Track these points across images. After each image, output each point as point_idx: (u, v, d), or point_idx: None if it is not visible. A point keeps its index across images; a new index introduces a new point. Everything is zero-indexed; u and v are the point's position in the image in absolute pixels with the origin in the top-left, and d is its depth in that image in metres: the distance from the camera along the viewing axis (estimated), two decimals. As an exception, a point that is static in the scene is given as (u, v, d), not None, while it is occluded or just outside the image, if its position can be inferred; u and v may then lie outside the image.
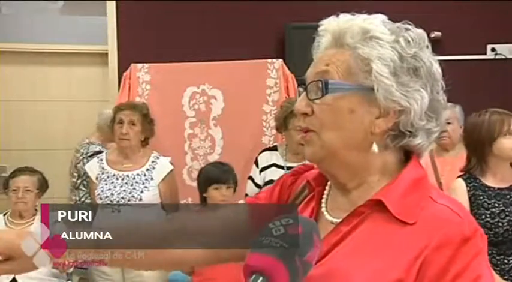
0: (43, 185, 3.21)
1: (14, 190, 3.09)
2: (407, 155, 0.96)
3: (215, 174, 3.00)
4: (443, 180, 3.25)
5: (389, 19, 0.99)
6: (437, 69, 0.94)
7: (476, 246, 0.84)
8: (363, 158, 0.92)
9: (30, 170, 3.22)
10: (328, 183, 1.01)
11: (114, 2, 4.31)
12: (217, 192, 2.96)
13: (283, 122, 2.97)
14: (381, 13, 0.98)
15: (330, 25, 0.96)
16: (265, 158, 3.04)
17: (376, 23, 0.93)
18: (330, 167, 0.94)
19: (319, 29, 0.98)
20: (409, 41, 0.91)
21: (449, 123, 3.29)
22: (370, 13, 1.01)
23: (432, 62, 0.93)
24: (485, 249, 0.86)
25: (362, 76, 0.90)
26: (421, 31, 0.95)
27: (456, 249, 0.82)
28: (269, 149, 3.15)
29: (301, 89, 0.94)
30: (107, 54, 4.33)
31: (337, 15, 0.99)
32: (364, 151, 0.91)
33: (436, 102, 0.93)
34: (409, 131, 0.91)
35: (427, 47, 0.94)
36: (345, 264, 0.87)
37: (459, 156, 3.33)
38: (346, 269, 0.87)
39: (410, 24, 0.95)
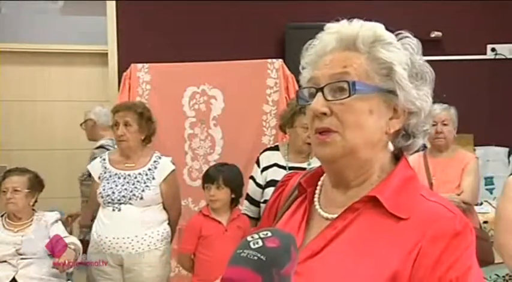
0: (35, 185, 3.15)
1: (4, 191, 3.07)
2: (396, 153, 1.02)
3: (207, 174, 3.02)
4: (435, 180, 3.26)
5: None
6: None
7: (466, 239, 0.88)
8: (374, 156, 0.97)
9: (20, 170, 3.17)
10: (319, 183, 1.05)
11: (114, 2, 4.31)
12: (207, 191, 2.98)
13: (290, 119, 2.95)
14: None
15: (341, 27, 0.98)
16: (266, 158, 3.03)
17: (383, 29, 0.97)
18: (343, 165, 0.97)
19: (327, 31, 1.00)
20: (413, 48, 0.97)
21: (445, 124, 3.31)
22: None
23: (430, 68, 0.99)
24: (474, 243, 0.90)
25: (378, 78, 0.94)
26: (416, 39, 0.99)
27: (449, 242, 0.86)
28: (271, 148, 3.15)
29: (314, 90, 0.94)
30: (107, 54, 4.33)
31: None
32: (377, 150, 0.97)
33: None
34: (414, 133, 0.98)
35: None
36: (341, 258, 0.91)
37: (452, 157, 3.35)
38: (342, 263, 0.90)
39: (408, 32, 0.99)
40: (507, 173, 4.25)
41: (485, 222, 3.61)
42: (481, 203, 4.02)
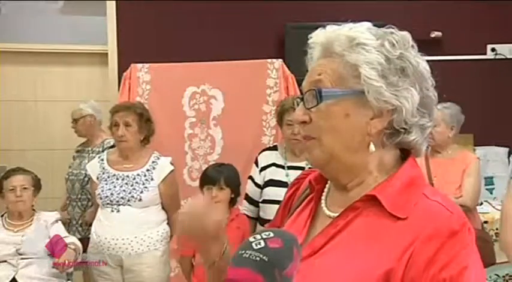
0: (37, 184, 3.19)
1: (11, 190, 3.07)
2: (404, 152, 1.01)
3: (206, 175, 3.01)
4: (435, 181, 3.24)
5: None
6: (424, 67, 0.98)
7: (463, 239, 0.88)
8: (362, 158, 0.97)
9: (23, 170, 3.20)
10: (328, 181, 1.06)
11: (114, 2, 4.31)
12: (208, 193, 2.97)
13: (279, 118, 3.00)
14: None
15: (317, 37, 1.01)
16: (265, 158, 3.04)
17: (362, 30, 0.97)
18: (332, 170, 0.99)
19: (309, 41, 1.02)
20: (393, 44, 0.96)
21: (434, 126, 3.24)
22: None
23: (418, 61, 0.97)
24: (473, 243, 0.89)
25: (352, 81, 0.95)
26: (405, 33, 0.99)
27: (444, 242, 0.86)
28: (269, 148, 3.15)
29: (298, 99, 1.00)
30: (107, 54, 4.33)
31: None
32: (363, 151, 0.96)
33: (427, 99, 0.98)
34: (403, 128, 0.96)
35: (412, 47, 0.98)
36: (340, 255, 0.92)
37: (453, 158, 3.33)
38: (341, 260, 0.91)
39: (393, 28, 0.99)
40: (507, 173, 4.25)
41: (485, 222, 3.60)
42: (481, 203, 4.02)
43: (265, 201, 2.93)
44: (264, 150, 3.15)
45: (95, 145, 3.91)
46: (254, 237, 0.79)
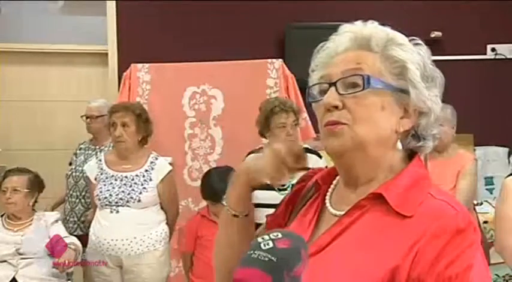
0: (35, 185, 3.15)
1: (3, 191, 3.06)
2: (409, 153, 1.03)
3: (212, 188, 3.02)
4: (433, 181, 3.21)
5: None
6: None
7: (469, 238, 0.88)
8: (384, 154, 0.98)
9: (20, 170, 3.17)
10: (334, 182, 1.07)
11: (114, 2, 4.32)
12: (214, 207, 2.99)
13: (265, 123, 2.97)
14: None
15: (355, 28, 1.01)
16: None
17: (398, 33, 1.00)
18: (352, 160, 0.98)
19: (345, 29, 1.02)
20: (424, 53, 0.99)
21: (440, 125, 3.22)
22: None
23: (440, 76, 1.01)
24: (478, 242, 0.90)
25: (391, 78, 0.96)
26: (426, 47, 1.01)
27: (449, 240, 0.86)
28: (255, 151, 3.14)
29: (324, 85, 0.97)
30: (107, 54, 4.33)
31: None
32: (387, 148, 0.98)
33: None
34: (423, 134, 1.00)
35: None
36: (345, 253, 0.92)
37: (451, 158, 3.31)
38: (346, 258, 0.91)
39: (418, 40, 1.01)
40: (507, 173, 4.25)
41: (485, 222, 3.60)
42: (481, 203, 4.02)
43: (254, 205, 2.92)
44: (250, 153, 3.13)
45: (103, 144, 3.90)
46: (262, 238, 0.80)
